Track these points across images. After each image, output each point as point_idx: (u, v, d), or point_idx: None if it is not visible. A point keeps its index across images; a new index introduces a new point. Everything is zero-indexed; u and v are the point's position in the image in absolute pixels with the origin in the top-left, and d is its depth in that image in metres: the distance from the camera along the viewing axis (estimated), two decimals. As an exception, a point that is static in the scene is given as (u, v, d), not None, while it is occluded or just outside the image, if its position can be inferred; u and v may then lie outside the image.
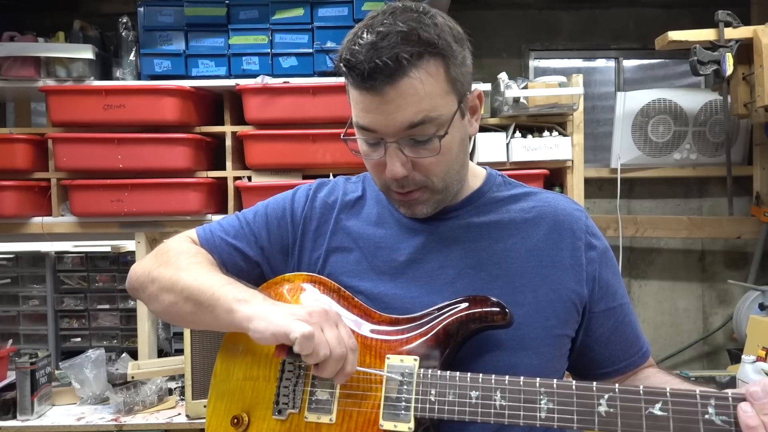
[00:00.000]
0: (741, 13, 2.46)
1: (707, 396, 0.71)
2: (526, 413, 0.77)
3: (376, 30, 0.80)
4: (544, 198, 0.98)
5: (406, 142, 0.84)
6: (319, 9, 2.32)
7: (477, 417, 0.79)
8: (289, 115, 2.20)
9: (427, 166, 0.86)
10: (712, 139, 2.80)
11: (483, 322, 0.84)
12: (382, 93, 0.80)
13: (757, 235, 2.83)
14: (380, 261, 0.94)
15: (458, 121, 0.87)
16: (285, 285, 0.97)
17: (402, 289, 0.91)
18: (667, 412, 0.72)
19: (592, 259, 0.93)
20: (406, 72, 0.79)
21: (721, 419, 0.70)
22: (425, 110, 0.82)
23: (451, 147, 0.87)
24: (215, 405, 0.94)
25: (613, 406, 0.74)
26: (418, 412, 0.81)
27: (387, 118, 0.82)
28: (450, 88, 0.84)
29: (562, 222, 0.95)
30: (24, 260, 2.56)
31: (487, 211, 0.96)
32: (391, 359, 0.85)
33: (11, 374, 2.14)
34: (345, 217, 1.00)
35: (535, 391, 0.78)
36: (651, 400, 0.73)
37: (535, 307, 0.89)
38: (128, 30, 2.35)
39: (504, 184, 1.01)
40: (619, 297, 0.96)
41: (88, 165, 2.20)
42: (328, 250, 0.98)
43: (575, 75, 2.29)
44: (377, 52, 0.78)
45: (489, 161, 2.25)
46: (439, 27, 0.83)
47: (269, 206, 1.04)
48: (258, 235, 1.01)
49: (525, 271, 0.91)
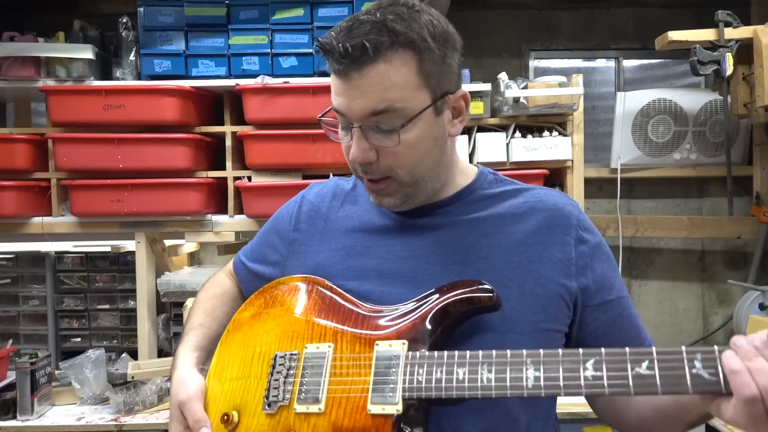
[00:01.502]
0: (741, 13, 2.46)
1: (693, 351, 0.70)
2: (512, 384, 0.76)
3: (357, 18, 0.84)
4: (536, 194, 0.99)
5: (371, 129, 0.86)
6: (319, 9, 2.32)
7: (464, 392, 0.78)
8: (289, 115, 2.20)
9: (392, 157, 0.88)
10: (712, 139, 2.80)
11: (470, 304, 0.84)
12: (350, 77, 0.84)
13: (757, 235, 2.83)
14: (367, 259, 0.96)
15: (430, 118, 0.88)
16: (281, 287, 1.01)
17: (389, 286, 0.92)
18: (653, 371, 0.71)
19: (583, 253, 0.93)
20: (373, 60, 0.82)
21: (709, 372, 0.69)
22: (389, 100, 0.84)
23: (419, 142, 0.88)
24: (208, 408, 0.95)
25: (599, 369, 0.73)
26: (406, 393, 0.80)
27: (352, 102, 0.85)
28: (422, 83, 0.85)
29: (552, 217, 0.95)
30: (24, 260, 2.56)
31: (476, 208, 0.97)
32: (380, 345, 0.85)
33: (11, 374, 2.14)
34: (333, 217, 1.03)
35: (521, 362, 0.77)
36: (637, 360, 0.72)
37: (521, 301, 0.89)
38: (128, 30, 2.35)
39: (495, 181, 1.02)
40: (615, 291, 0.95)
41: (88, 165, 2.20)
42: (317, 251, 1.01)
43: (575, 75, 2.29)
44: (347, 38, 0.82)
45: (489, 161, 2.25)
46: (418, 22, 0.84)
47: (273, 219, 1.13)
48: (266, 253, 1.10)
49: (512, 265, 0.91)
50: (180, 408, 0.92)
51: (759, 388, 0.66)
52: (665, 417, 0.84)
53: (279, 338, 0.93)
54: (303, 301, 0.96)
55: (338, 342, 0.89)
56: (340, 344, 0.88)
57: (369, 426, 0.80)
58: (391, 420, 0.79)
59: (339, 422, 0.81)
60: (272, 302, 1.00)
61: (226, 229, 2.29)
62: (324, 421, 0.83)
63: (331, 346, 0.88)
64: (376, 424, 0.80)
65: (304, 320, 0.93)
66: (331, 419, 0.82)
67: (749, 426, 0.67)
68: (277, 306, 0.98)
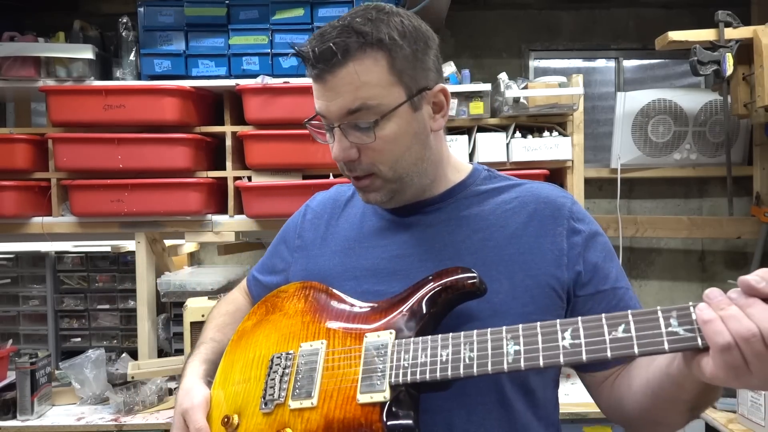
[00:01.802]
0: (741, 13, 2.46)
1: (669, 310, 0.70)
2: (493, 359, 0.76)
3: (329, 24, 0.89)
4: (528, 188, 0.99)
5: (350, 128, 0.90)
6: (319, 9, 2.32)
7: (448, 373, 0.78)
8: (289, 115, 2.20)
9: (372, 153, 0.91)
10: (712, 139, 2.80)
11: (455, 291, 0.85)
12: (325, 80, 0.89)
13: (757, 235, 2.83)
14: (364, 260, 0.98)
15: (407, 114, 0.90)
16: (281, 295, 1.04)
17: (384, 285, 0.94)
18: (629, 332, 0.70)
19: (575, 244, 0.93)
20: (342, 62, 0.86)
21: (685, 329, 0.68)
22: (362, 98, 0.87)
23: (397, 137, 0.90)
24: (212, 413, 0.96)
25: (577, 337, 0.73)
26: (392, 379, 0.81)
27: (330, 104, 0.89)
28: (394, 80, 0.88)
29: (544, 209, 0.95)
30: (24, 260, 2.56)
31: (468, 204, 0.98)
32: (369, 336, 0.87)
33: (11, 374, 2.14)
34: (334, 222, 1.07)
35: (501, 338, 0.77)
36: (614, 324, 0.72)
37: (511, 293, 0.89)
38: (128, 30, 2.35)
39: (489, 177, 1.03)
40: (611, 281, 0.94)
41: (88, 165, 2.20)
42: (317, 256, 1.04)
43: (575, 75, 2.29)
44: (319, 43, 0.87)
45: (489, 161, 2.25)
46: (385, 23, 0.88)
47: (281, 231, 1.16)
48: (275, 263, 1.13)
49: (502, 259, 0.92)
50: (183, 416, 0.94)
51: (732, 334, 0.64)
52: (662, 398, 0.82)
53: (277, 341, 0.96)
54: (300, 305, 0.99)
55: (331, 338, 0.90)
56: (333, 340, 0.90)
57: (359, 416, 0.80)
58: (379, 408, 0.80)
59: (331, 414, 0.82)
60: (272, 309, 1.02)
61: (226, 229, 2.29)
62: (317, 414, 0.83)
63: (324, 342, 0.90)
64: (365, 413, 0.80)
65: (300, 321, 0.95)
66: (323, 412, 0.83)
67: (730, 378, 0.65)
68: (276, 312, 1.01)
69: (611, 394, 0.94)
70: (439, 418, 0.87)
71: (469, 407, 0.88)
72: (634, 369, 0.90)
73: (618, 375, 0.94)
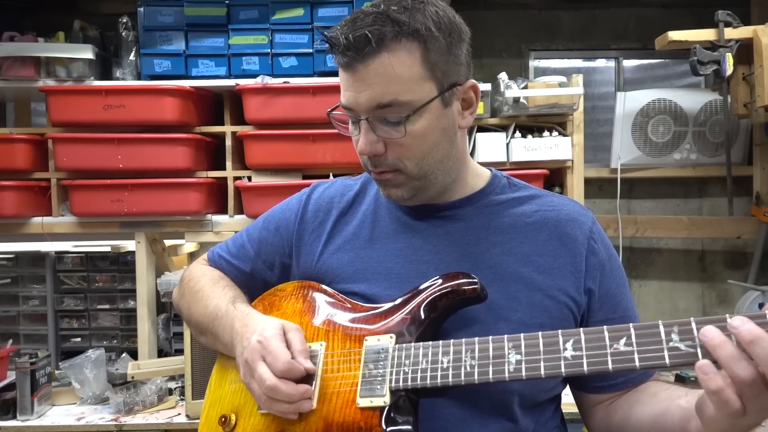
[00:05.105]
0: (741, 13, 2.46)
1: (670, 324, 0.70)
2: (494, 368, 0.76)
3: (361, 11, 0.84)
4: (549, 202, 0.97)
5: (378, 121, 0.86)
6: (319, 9, 2.32)
7: (449, 380, 0.78)
8: (289, 115, 2.20)
9: (400, 149, 0.87)
10: (712, 139, 2.80)
11: (456, 296, 0.84)
12: (355, 70, 0.84)
13: (757, 235, 2.83)
14: (375, 262, 0.95)
15: (438, 109, 0.87)
16: (278, 293, 1.02)
17: (395, 290, 0.91)
18: (631, 346, 0.71)
19: (593, 266, 0.92)
20: (376, 51, 0.82)
21: (686, 344, 0.68)
22: (394, 93, 0.83)
23: (426, 133, 0.87)
24: (207, 412, 0.95)
25: (579, 349, 0.73)
26: (392, 384, 0.81)
27: (358, 95, 0.85)
28: (427, 75, 0.84)
29: (564, 228, 0.93)
30: (24, 260, 2.56)
31: (487, 213, 0.96)
32: (369, 340, 0.86)
33: (11, 374, 2.14)
34: (341, 218, 1.01)
35: (502, 347, 0.77)
36: (615, 337, 0.72)
37: (529, 312, 0.88)
38: (128, 30, 2.35)
39: (509, 186, 1.00)
40: (620, 309, 0.94)
41: (88, 165, 2.20)
42: (323, 252, 1.00)
43: (575, 75, 2.29)
44: (351, 30, 0.82)
45: (489, 161, 2.25)
46: (422, 12, 0.84)
47: (267, 218, 1.08)
48: (258, 250, 1.06)
49: (520, 276, 0.90)
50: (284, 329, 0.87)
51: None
52: None
53: None
54: (298, 305, 0.97)
55: (330, 340, 0.89)
56: (332, 342, 0.89)
57: (358, 419, 0.80)
58: (378, 412, 0.80)
59: (330, 417, 0.82)
60: (270, 308, 1.00)
61: (226, 229, 2.29)
62: (316, 416, 0.83)
63: (323, 344, 0.89)
64: (364, 417, 0.80)
65: (298, 322, 0.93)
66: (323, 414, 0.83)
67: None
68: (274, 311, 0.99)
69: (604, 418, 0.95)
70: (438, 425, 0.86)
71: (472, 416, 0.87)
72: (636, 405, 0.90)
73: (613, 402, 0.94)
